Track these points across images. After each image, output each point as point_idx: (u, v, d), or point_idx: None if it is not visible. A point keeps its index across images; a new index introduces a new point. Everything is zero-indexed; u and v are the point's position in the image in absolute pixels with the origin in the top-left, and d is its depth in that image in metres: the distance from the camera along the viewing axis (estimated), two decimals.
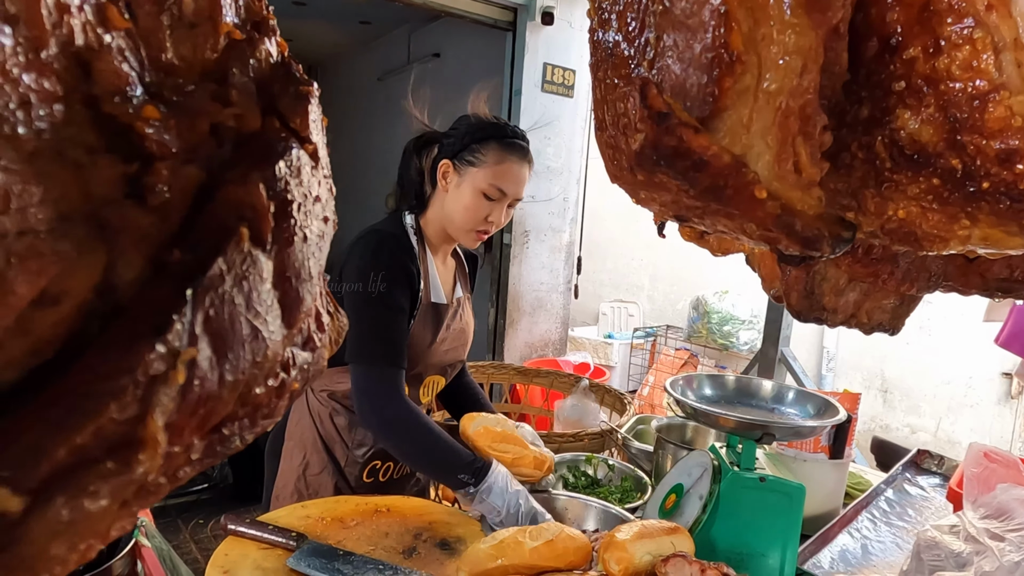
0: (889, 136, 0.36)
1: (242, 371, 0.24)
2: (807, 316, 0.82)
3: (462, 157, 1.34)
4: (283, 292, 0.27)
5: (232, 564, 0.96)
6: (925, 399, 4.01)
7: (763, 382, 1.27)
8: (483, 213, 1.34)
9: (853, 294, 0.75)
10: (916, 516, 1.47)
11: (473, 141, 1.34)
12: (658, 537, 1.00)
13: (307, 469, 1.41)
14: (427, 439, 1.23)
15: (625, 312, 5.75)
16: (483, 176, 1.32)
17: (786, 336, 2.65)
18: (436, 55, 5.10)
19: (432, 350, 1.41)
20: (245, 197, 0.25)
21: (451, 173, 1.35)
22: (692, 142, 0.34)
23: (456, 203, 1.35)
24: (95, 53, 0.22)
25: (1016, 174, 0.32)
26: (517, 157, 1.35)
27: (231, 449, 0.28)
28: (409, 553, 1.04)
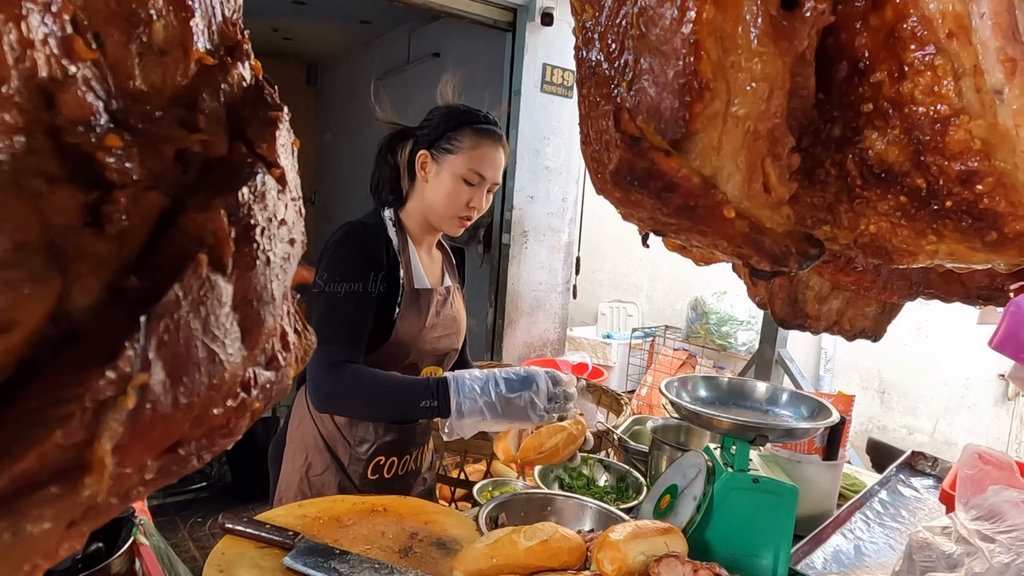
0: (859, 155, 0.37)
1: (197, 394, 0.24)
2: (790, 323, 0.83)
3: (439, 146, 1.38)
4: (244, 315, 0.27)
5: (229, 563, 0.97)
6: (922, 400, 4.02)
7: (757, 384, 1.28)
8: (464, 198, 1.38)
9: (836, 302, 0.76)
10: (909, 517, 1.48)
11: (448, 129, 1.38)
12: (652, 537, 1.01)
13: (309, 470, 1.42)
14: (375, 390, 1.27)
15: (624, 312, 5.75)
16: (461, 162, 1.36)
17: (783, 337, 2.66)
18: (436, 55, 5.11)
19: (423, 336, 1.43)
20: (206, 223, 0.25)
21: (429, 163, 1.39)
22: (663, 164, 0.35)
23: (437, 191, 1.39)
24: (59, 84, 0.22)
25: (976, 194, 0.33)
26: (492, 141, 1.39)
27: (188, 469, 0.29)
28: (405, 552, 1.05)
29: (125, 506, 0.26)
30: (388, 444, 1.44)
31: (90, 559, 1.14)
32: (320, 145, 7.94)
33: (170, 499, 3.23)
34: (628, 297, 5.82)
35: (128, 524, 1.28)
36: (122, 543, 1.19)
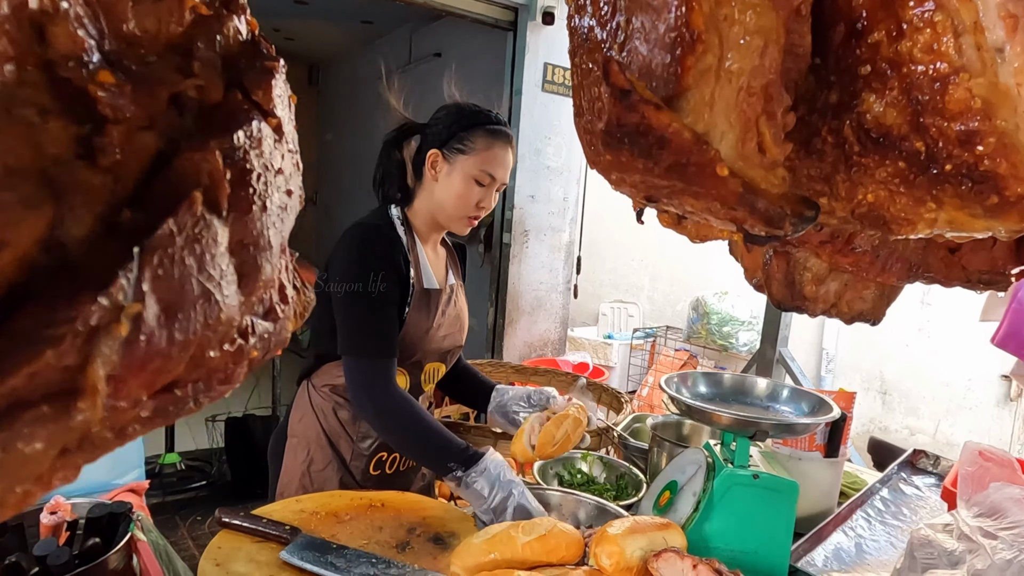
0: (856, 120, 0.37)
1: (193, 332, 0.25)
2: (787, 305, 0.82)
3: (450, 146, 1.37)
4: (241, 259, 0.27)
5: (225, 556, 0.97)
6: (924, 401, 4.01)
7: (758, 380, 1.27)
8: (475, 199, 1.38)
9: (834, 284, 0.75)
10: (911, 515, 1.47)
11: (460, 129, 1.37)
12: (650, 533, 1.00)
13: (311, 465, 1.42)
14: (419, 427, 1.26)
15: (625, 313, 5.75)
16: (473, 163, 1.36)
17: (784, 336, 2.65)
18: (437, 55, 5.11)
19: (430, 336, 1.43)
20: (202, 163, 0.26)
21: (440, 162, 1.38)
22: (653, 119, 0.34)
23: (447, 191, 1.38)
24: (50, 18, 0.22)
25: (976, 156, 0.33)
26: (503, 142, 1.39)
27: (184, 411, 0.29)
28: (402, 547, 1.05)
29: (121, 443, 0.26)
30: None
31: (87, 554, 1.13)
32: (322, 146, 7.94)
33: (170, 498, 3.23)
34: (629, 298, 5.81)
35: (125, 520, 1.27)
36: (119, 538, 1.18)
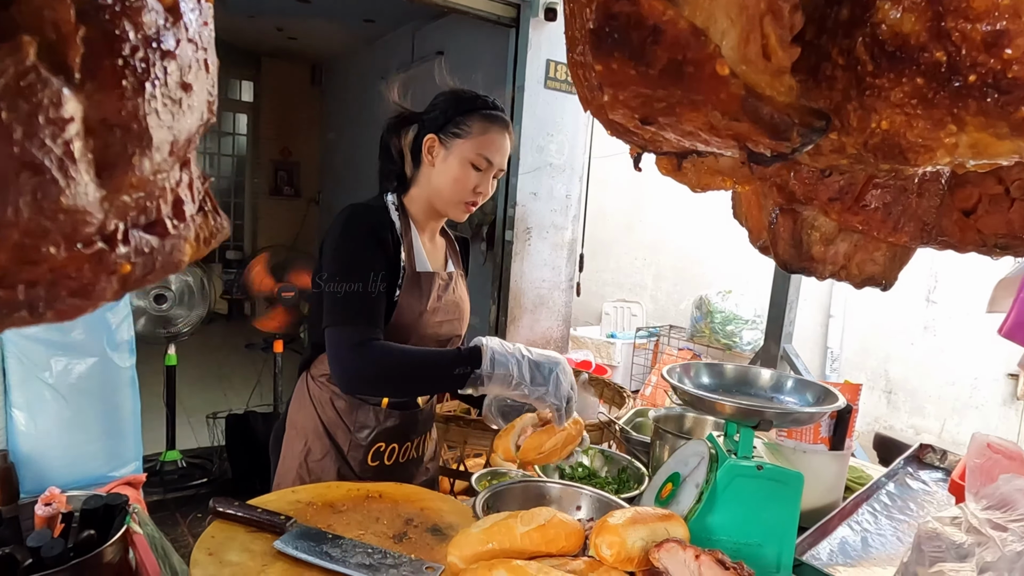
0: (870, 34, 0.34)
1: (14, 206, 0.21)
2: (794, 266, 0.80)
3: (447, 130, 1.37)
4: (103, 143, 0.23)
5: (219, 546, 0.95)
6: (930, 400, 3.98)
7: (762, 371, 1.25)
8: (471, 184, 1.37)
9: (843, 245, 0.73)
10: (918, 510, 1.45)
11: (457, 114, 1.37)
12: (652, 523, 0.98)
13: (308, 456, 1.41)
14: (407, 364, 1.27)
15: (628, 312, 5.72)
16: (470, 147, 1.36)
17: (788, 333, 2.63)
18: (440, 53, 5.10)
19: (424, 320, 1.41)
20: (44, 9, 0.21)
21: (437, 147, 1.38)
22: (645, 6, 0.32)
23: (444, 176, 1.37)
24: None
25: (1004, 61, 0.30)
26: (500, 127, 1.39)
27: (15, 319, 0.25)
28: (400, 538, 1.03)
29: None
30: (389, 430, 1.43)
31: (82, 546, 1.12)
32: (325, 145, 7.94)
33: (171, 495, 3.22)
34: (632, 297, 5.79)
35: (121, 512, 1.26)
36: (115, 531, 1.17)
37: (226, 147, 8.43)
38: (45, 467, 1.41)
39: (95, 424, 1.44)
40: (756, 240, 0.87)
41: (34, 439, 1.38)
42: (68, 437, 1.41)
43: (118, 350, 1.46)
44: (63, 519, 1.20)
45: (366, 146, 6.63)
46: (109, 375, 1.45)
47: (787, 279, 2.56)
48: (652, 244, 5.56)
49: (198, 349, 6.39)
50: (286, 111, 7.81)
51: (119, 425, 1.48)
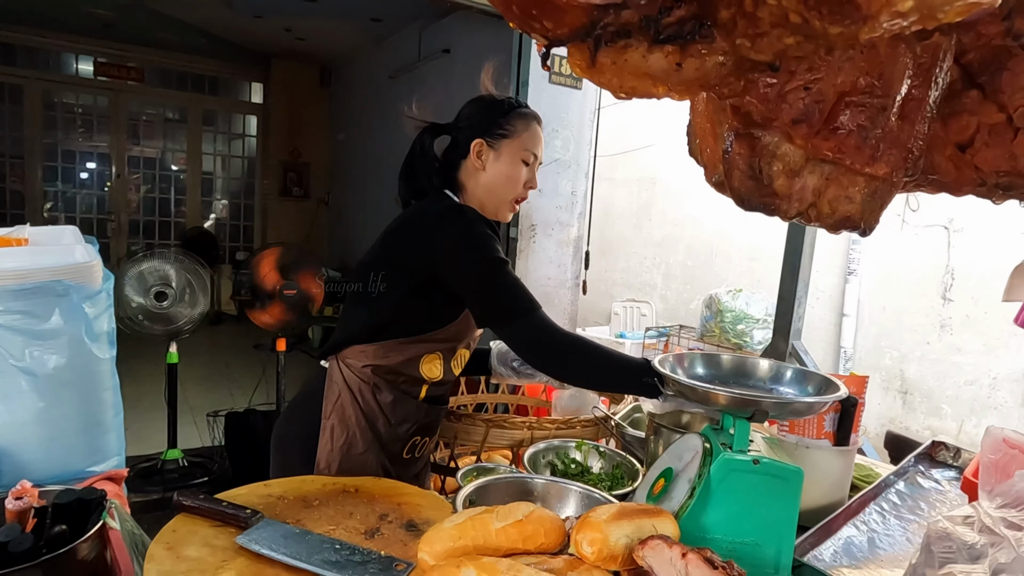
0: None
1: None
2: (753, 202, 0.72)
3: (492, 133, 1.42)
4: None
5: (179, 540, 0.91)
6: (947, 400, 3.86)
7: (760, 361, 1.19)
8: (523, 179, 1.44)
9: (812, 177, 0.65)
10: (929, 510, 1.37)
11: (499, 116, 1.43)
12: (637, 519, 0.92)
13: (351, 448, 1.39)
14: (602, 355, 1.30)
15: (637, 312, 5.65)
16: (518, 144, 1.42)
17: (797, 329, 2.55)
18: (446, 51, 5.06)
19: (470, 322, 1.44)
20: None
21: (486, 150, 1.43)
22: None
23: (498, 176, 1.43)
24: None
25: None
26: (537, 122, 1.47)
27: None
28: (372, 534, 0.98)
29: None
30: (426, 425, 1.48)
31: (54, 542, 1.08)
32: (334, 146, 7.94)
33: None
34: (642, 296, 5.71)
35: (98, 508, 1.22)
36: (91, 527, 1.13)
37: (236, 149, 8.46)
38: (22, 460, 1.37)
39: (74, 417, 1.40)
40: (711, 175, 0.79)
41: (10, 431, 1.35)
42: (46, 430, 1.37)
43: (97, 341, 1.42)
44: (36, 514, 1.16)
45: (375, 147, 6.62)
46: (88, 367, 1.41)
47: (795, 274, 2.48)
48: (662, 243, 5.49)
49: (206, 349, 6.40)
50: (295, 112, 7.82)
51: (99, 418, 1.45)
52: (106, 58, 7.30)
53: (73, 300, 1.37)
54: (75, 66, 7.41)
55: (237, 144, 8.46)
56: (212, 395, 4.84)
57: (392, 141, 6.16)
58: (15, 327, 1.31)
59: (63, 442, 1.39)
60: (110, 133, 7.64)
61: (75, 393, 1.39)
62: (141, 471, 3.35)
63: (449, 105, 1.54)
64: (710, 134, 0.74)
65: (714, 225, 4.99)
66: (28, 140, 7.17)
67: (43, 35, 6.87)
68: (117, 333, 1.51)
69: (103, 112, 7.61)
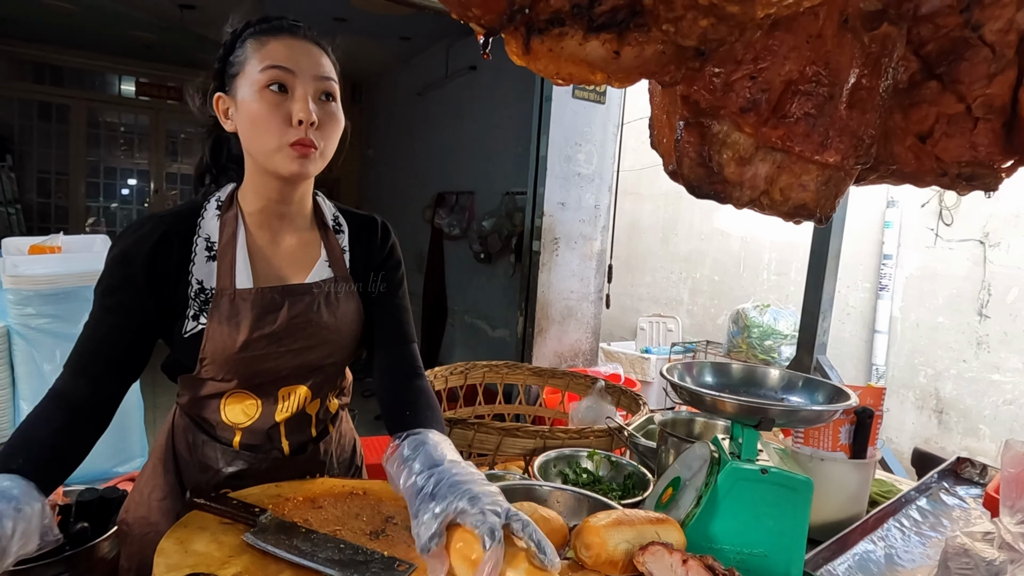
0: None
1: None
2: (704, 190, 0.71)
3: (225, 78, 1.08)
4: None
5: (189, 536, 0.93)
6: (985, 421, 3.73)
7: (770, 370, 1.17)
8: (279, 114, 1.01)
9: (763, 165, 0.64)
10: (952, 528, 1.33)
11: (228, 54, 1.08)
12: (640, 526, 0.92)
13: (154, 492, 1.18)
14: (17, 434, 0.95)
15: (664, 327, 5.60)
16: (250, 72, 1.02)
17: (822, 343, 2.50)
18: (472, 68, 5.14)
19: (251, 352, 1.06)
20: None
21: (226, 100, 1.08)
22: None
23: (246, 124, 1.04)
24: None
25: None
26: (283, 33, 1.05)
27: None
28: (376, 535, 0.99)
29: None
30: (231, 476, 1.14)
31: (76, 539, 1.11)
32: (364, 162, 8.09)
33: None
34: (668, 312, 5.66)
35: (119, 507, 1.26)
36: (111, 525, 1.16)
37: None
38: None
39: None
40: (667, 164, 0.79)
41: None
42: None
43: None
44: (60, 511, 1.20)
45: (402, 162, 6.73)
46: None
47: (819, 287, 2.43)
48: (688, 257, 5.44)
49: None
50: None
51: (123, 420, 1.49)
52: (147, 78, 7.58)
53: None
54: (118, 86, 7.72)
55: None
56: None
57: (419, 155, 6.26)
58: (46, 329, 1.37)
59: None
60: (150, 150, 7.91)
61: None
62: None
63: (475, 118, 1.52)
64: (666, 124, 0.75)
65: (741, 239, 4.94)
66: (73, 157, 7.47)
67: (89, 57, 7.17)
68: None
69: (144, 130, 7.89)
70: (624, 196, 4.37)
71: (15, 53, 6.95)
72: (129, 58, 7.29)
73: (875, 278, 4.15)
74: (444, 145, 5.64)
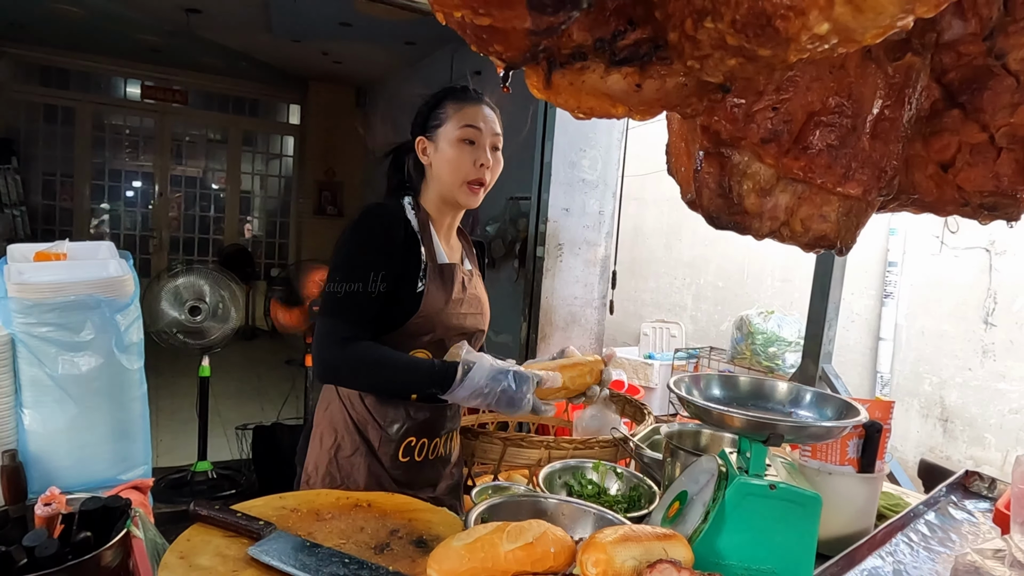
0: None
1: None
2: (723, 221, 0.71)
3: (428, 127, 1.45)
4: None
5: (192, 549, 0.92)
6: (990, 430, 3.71)
7: (778, 383, 1.16)
8: (468, 159, 1.42)
9: (784, 196, 0.63)
10: (961, 543, 1.32)
11: (431, 109, 1.46)
12: (647, 542, 0.91)
13: (339, 451, 1.42)
14: (385, 368, 1.32)
15: (667, 333, 5.58)
16: (451, 127, 1.42)
17: (828, 352, 2.49)
18: (477, 73, 5.13)
19: (448, 311, 1.44)
20: None
21: (427, 144, 1.46)
22: None
23: (442, 164, 1.44)
24: None
25: None
26: (472, 102, 1.45)
27: None
28: (381, 549, 0.98)
29: None
30: (420, 424, 1.45)
31: (79, 548, 1.11)
32: (367, 166, 8.10)
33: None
34: (672, 317, 5.65)
35: (123, 516, 1.25)
36: (115, 534, 1.15)
37: (273, 168, 8.69)
38: (53, 467, 1.41)
39: (103, 425, 1.44)
40: (685, 193, 0.78)
41: (42, 439, 1.39)
42: (76, 438, 1.42)
43: (127, 352, 1.46)
44: (63, 520, 1.19)
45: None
46: (117, 377, 1.45)
47: (825, 295, 2.42)
48: (692, 263, 5.43)
49: (240, 363, 6.53)
50: (331, 133, 8.01)
51: (127, 428, 1.49)
52: (153, 82, 7.60)
53: (105, 312, 1.42)
54: (124, 89, 7.74)
55: (275, 164, 8.69)
56: (244, 408, 4.93)
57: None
58: (50, 338, 1.36)
59: (92, 450, 1.44)
60: (155, 153, 7.93)
61: (105, 403, 1.43)
62: (171, 482, 3.42)
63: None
64: (684, 153, 0.74)
65: (746, 245, 4.92)
66: (78, 160, 7.49)
67: (95, 60, 7.20)
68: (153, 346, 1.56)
69: (149, 133, 7.91)
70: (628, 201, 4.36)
71: (22, 56, 6.98)
72: (135, 61, 7.32)
73: (880, 285, 4.14)
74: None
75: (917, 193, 0.55)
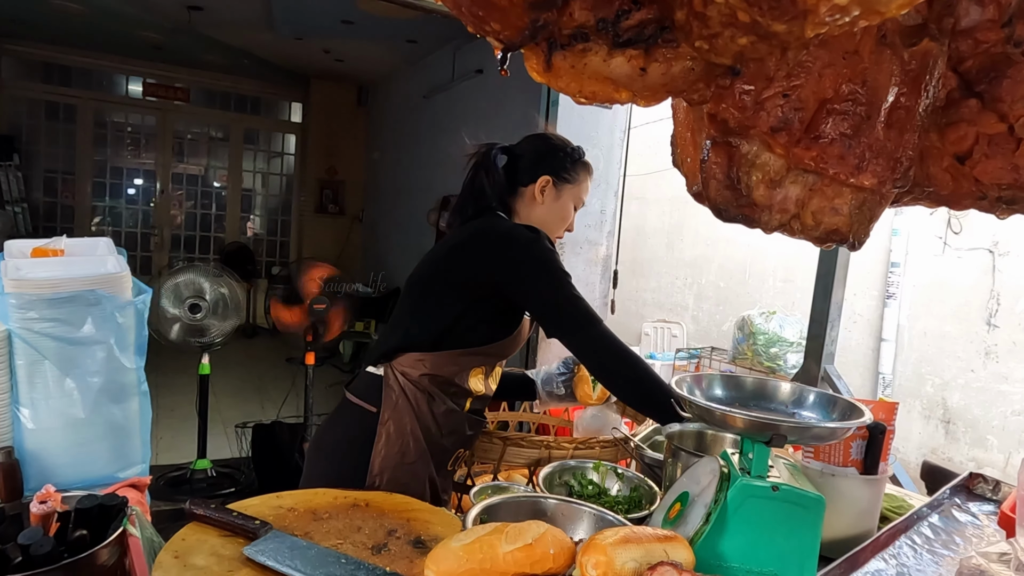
0: None
1: None
2: (731, 213, 0.69)
3: (560, 175, 1.53)
4: None
5: (187, 549, 0.91)
6: (993, 431, 3.70)
7: (781, 384, 1.15)
8: (571, 221, 1.59)
9: (794, 188, 0.61)
10: (965, 546, 1.30)
11: (569, 162, 1.55)
12: (648, 544, 0.89)
13: (404, 457, 1.42)
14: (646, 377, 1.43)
15: (668, 333, 5.57)
16: (578, 191, 1.56)
17: (830, 353, 2.47)
18: (479, 71, 5.13)
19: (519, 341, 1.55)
20: None
21: (550, 188, 1.53)
22: None
23: (554, 214, 1.55)
24: None
25: None
26: (591, 175, 1.61)
27: None
28: (378, 549, 0.97)
29: None
30: (468, 438, 1.53)
31: (75, 546, 1.10)
32: (369, 164, 8.09)
33: None
34: (673, 317, 5.64)
35: (119, 514, 1.24)
36: (111, 533, 1.14)
37: (275, 166, 8.68)
38: (50, 465, 1.40)
39: (101, 424, 1.43)
40: (691, 185, 0.77)
41: (39, 436, 1.38)
42: (73, 435, 1.41)
43: (126, 350, 1.45)
44: (59, 518, 1.18)
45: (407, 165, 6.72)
46: (116, 375, 1.44)
47: (827, 295, 2.41)
48: (693, 263, 5.42)
49: (241, 361, 6.52)
50: (333, 131, 8.00)
51: (125, 426, 1.48)
52: (155, 79, 7.59)
53: (105, 309, 1.41)
54: (126, 87, 7.73)
55: (276, 162, 8.68)
56: (244, 407, 4.92)
57: (424, 159, 6.25)
58: (49, 334, 1.35)
59: (89, 448, 1.42)
60: (156, 150, 7.92)
61: (103, 400, 1.42)
62: (171, 480, 3.41)
63: (482, 123, 1.61)
64: (690, 143, 0.73)
65: (747, 245, 4.91)
66: (80, 157, 7.48)
67: (97, 57, 7.19)
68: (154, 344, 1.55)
69: (151, 130, 7.90)
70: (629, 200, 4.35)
71: (23, 53, 6.97)
72: (137, 59, 7.31)
73: (882, 286, 4.12)
74: (449, 148, 5.62)
75: (932, 186, 0.53)
